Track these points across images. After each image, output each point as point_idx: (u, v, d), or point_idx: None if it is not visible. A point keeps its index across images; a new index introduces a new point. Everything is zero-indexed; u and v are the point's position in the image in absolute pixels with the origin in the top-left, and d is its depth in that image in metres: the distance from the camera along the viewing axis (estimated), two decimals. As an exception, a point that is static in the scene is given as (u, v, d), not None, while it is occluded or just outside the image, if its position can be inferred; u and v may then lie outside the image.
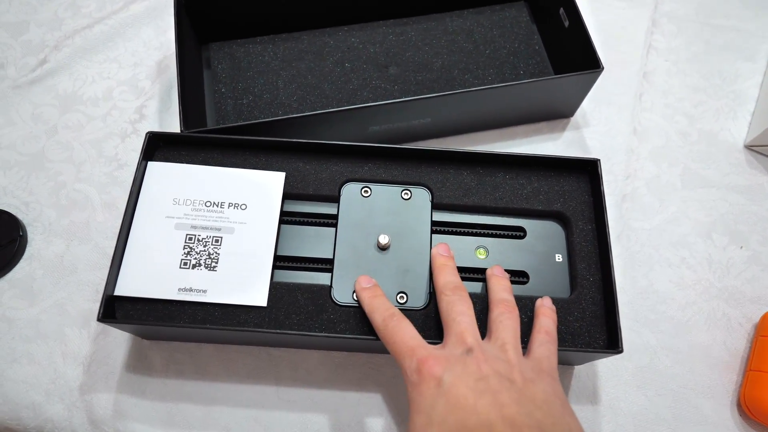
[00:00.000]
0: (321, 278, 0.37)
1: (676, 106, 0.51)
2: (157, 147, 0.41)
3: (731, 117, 0.51)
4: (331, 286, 0.37)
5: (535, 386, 0.29)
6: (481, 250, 0.38)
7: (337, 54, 0.51)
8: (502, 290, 0.34)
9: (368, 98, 0.49)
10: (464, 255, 0.38)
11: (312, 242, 0.38)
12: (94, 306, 0.42)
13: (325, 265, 0.38)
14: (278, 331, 0.35)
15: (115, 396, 0.39)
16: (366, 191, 0.39)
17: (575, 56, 0.46)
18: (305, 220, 0.39)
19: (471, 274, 0.38)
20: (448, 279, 0.34)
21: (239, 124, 0.41)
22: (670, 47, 0.54)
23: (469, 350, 0.30)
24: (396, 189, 0.39)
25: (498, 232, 0.39)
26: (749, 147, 0.49)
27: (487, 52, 0.51)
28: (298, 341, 0.38)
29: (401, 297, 0.36)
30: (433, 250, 0.37)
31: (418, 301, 0.36)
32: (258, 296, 0.36)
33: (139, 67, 0.53)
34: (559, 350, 0.33)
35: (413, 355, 0.30)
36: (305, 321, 0.36)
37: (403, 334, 0.31)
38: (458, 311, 0.32)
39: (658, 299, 0.43)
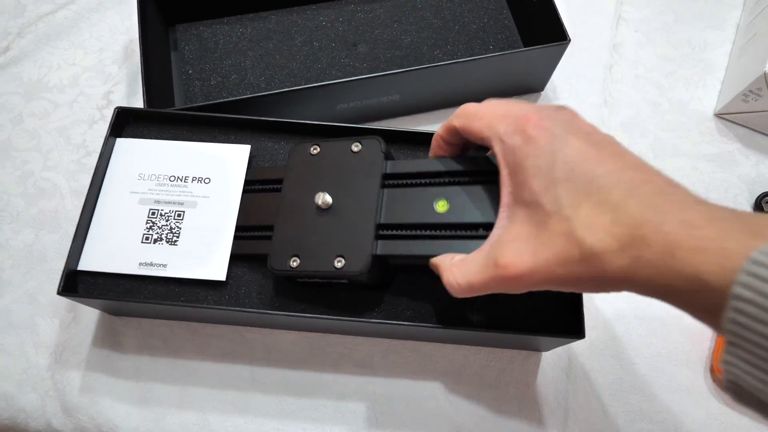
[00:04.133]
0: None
1: (646, 76, 0.51)
2: (126, 123, 0.40)
3: (701, 86, 0.51)
4: (268, 255, 0.33)
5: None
6: (442, 202, 0.31)
7: (305, 33, 0.51)
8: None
9: (337, 76, 0.48)
10: (422, 210, 0.31)
11: (269, 210, 0.35)
12: (66, 294, 0.42)
13: (266, 231, 0.35)
14: (236, 308, 0.35)
15: (88, 382, 0.39)
16: (315, 149, 0.35)
17: (544, 30, 0.46)
18: (266, 187, 0.37)
19: (429, 231, 0.31)
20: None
21: (206, 103, 0.41)
22: (639, 18, 0.54)
23: (560, 107, 0.26)
24: (346, 143, 0.34)
25: (463, 179, 0.31)
26: (719, 115, 0.49)
27: (456, 28, 0.51)
28: (259, 320, 0.38)
29: (339, 261, 0.31)
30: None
31: (356, 264, 0.31)
32: (217, 271, 0.35)
33: (105, 53, 0.52)
34: (519, 335, 0.33)
35: (507, 116, 0.26)
36: (267, 299, 0.35)
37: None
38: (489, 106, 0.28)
39: (631, 268, 0.43)
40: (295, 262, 0.32)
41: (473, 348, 0.40)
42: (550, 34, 0.45)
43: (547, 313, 0.35)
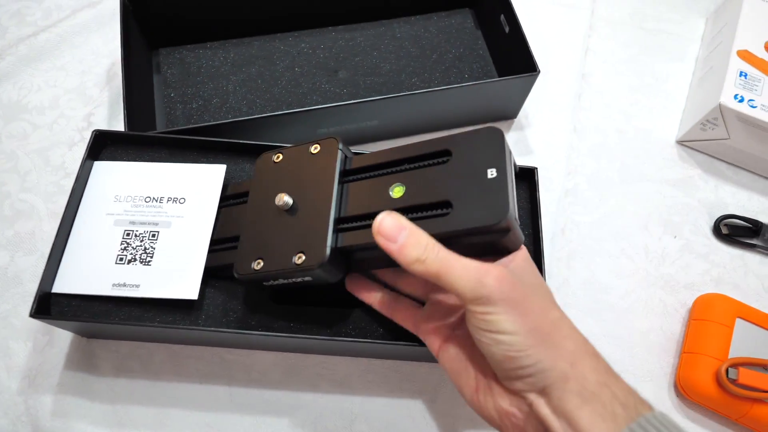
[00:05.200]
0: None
1: (613, 105, 0.54)
2: (105, 146, 0.41)
3: (664, 115, 0.54)
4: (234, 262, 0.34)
5: None
6: (398, 188, 0.31)
7: (287, 59, 0.52)
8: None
9: (318, 102, 0.50)
10: (378, 198, 0.31)
11: (240, 221, 0.36)
12: (41, 317, 0.41)
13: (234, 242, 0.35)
14: (209, 329, 0.35)
15: (62, 406, 0.38)
16: (278, 157, 0.36)
17: (516, 60, 0.48)
18: (240, 201, 0.38)
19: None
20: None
21: (188, 127, 0.42)
22: (606, 50, 0.57)
23: None
24: (305, 146, 0.35)
25: (418, 163, 0.32)
26: (680, 142, 0.52)
27: (434, 56, 0.53)
28: (235, 341, 0.39)
29: (299, 258, 0.31)
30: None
31: (315, 257, 0.30)
32: (188, 290, 0.35)
33: (87, 75, 0.52)
34: None
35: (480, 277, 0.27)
36: (245, 319, 0.36)
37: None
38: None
39: (600, 288, 0.45)
40: (258, 265, 0.32)
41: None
42: (522, 65, 0.47)
43: None
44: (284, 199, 0.33)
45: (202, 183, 0.39)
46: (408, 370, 0.41)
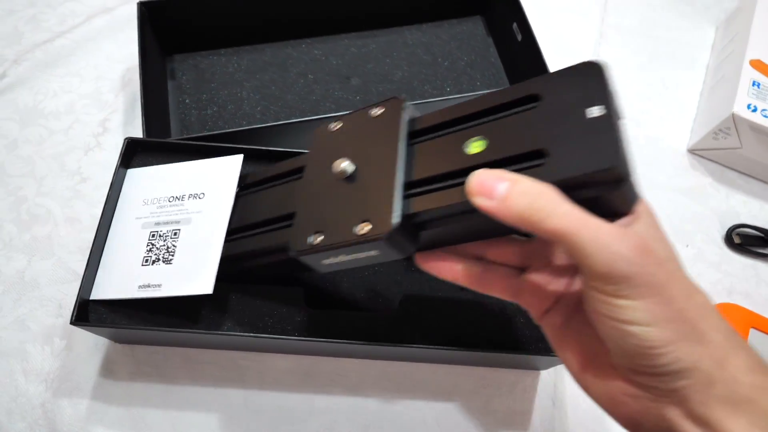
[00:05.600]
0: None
1: (625, 112, 0.54)
2: (135, 153, 0.41)
3: (675, 123, 0.54)
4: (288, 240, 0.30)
5: None
6: (477, 142, 0.26)
7: (300, 66, 0.53)
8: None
9: (331, 109, 0.50)
10: (453, 156, 0.26)
11: (276, 202, 0.33)
12: (57, 321, 0.42)
13: (288, 221, 0.31)
14: (236, 333, 0.36)
15: (79, 411, 0.39)
16: (336, 125, 0.32)
17: (528, 68, 0.49)
18: (281, 181, 0.35)
19: (459, 178, 0.25)
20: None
21: (206, 134, 0.42)
22: (616, 57, 0.57)
23: None
24: (366, 110, 0.31)
25: (500, 113, 0.27)
26: (691, 151, 0.52)
27: (446, 64, 0.53)
28: (253, 344, 0.39)
29: (363, 227, 0.26)
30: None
31: (382, 225, 0.26)
32: (203, 285, 0.35)
33: (102, 81, 0.53)
34: (509, 355, 0.34)
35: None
36: (261, 322, 0.36)
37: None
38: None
39: (612, 296, 0.45)
40: (317, 239, 0.28)
41: (465, 371, 0.41)
42: (534, 72, 0.47)
43: (537, 329, 0.37)
44: (342, 165, 0.28)
45: (220, 175, 0.39)
46: (423, 375, 0.41)
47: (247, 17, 0.51)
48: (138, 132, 0.51)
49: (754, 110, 0.46)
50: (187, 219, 0.38)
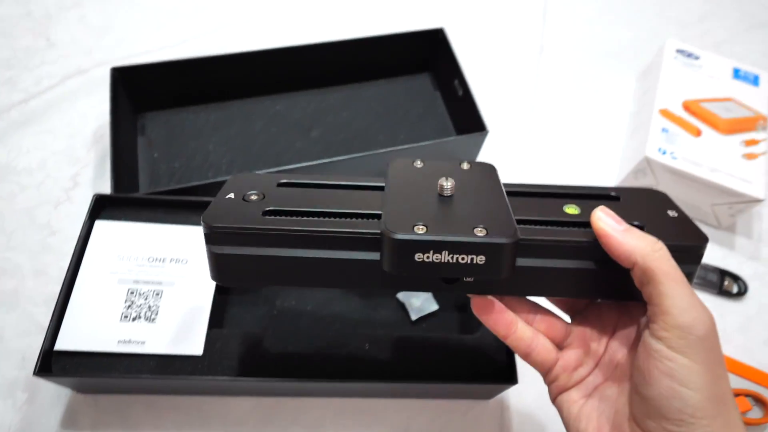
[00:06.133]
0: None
1: (558, 156, 0.59)
2: (103, 207, 0.44)
3: (603, 164, 0.59)
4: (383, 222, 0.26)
5: None
6: (572, 207, 0.29)
7: (264, 119, 0.57)
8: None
9: (293, 159, 0.54)
10: (552, 211, 0.29)
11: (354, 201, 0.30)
12: (21, 374, 0.42)
13: (375, 219, 0.28)
14: (210, 377, 0.37)
15: (43, 459, 0.39)
16: (420, 163, 0.32)
17: (469, 119, 0.54)
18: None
19: (564, 227, 0.28)
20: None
21: (173, 188, 0.45)
22: (552, 103, 0.63)
23: None
24: (454, 161, 0.32)
25: (587, 193, 0.31)
26: (624, 189, 0.57)
27: (399, 115, 0.58)
28: (232, 388, 0.41)
29: (480, 230, 0.26)
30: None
31: (503, 232, 0.25)
32: (194, 346, 0.38)
33: (74, 138, 0.56)
34: (459, 385, 0.36)
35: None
36: (238, 366, 0.38)
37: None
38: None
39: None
40: (421, 229, 0.26)
41: (419, 404, 0.43)
42: (473, 122, 0.52)
43: (482, 360, 0.40)
44: (447, 182, 0.28)
45: (203, 244, 0.41)
46: (381, 409, 0.43)
47: (214, 77, 0.55)
48: (108, 185, 0.53)
49: (664, 153, 0.52)
50: (170, 282, 0.40)
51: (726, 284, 0.52)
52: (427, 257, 0.26)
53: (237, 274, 0.29)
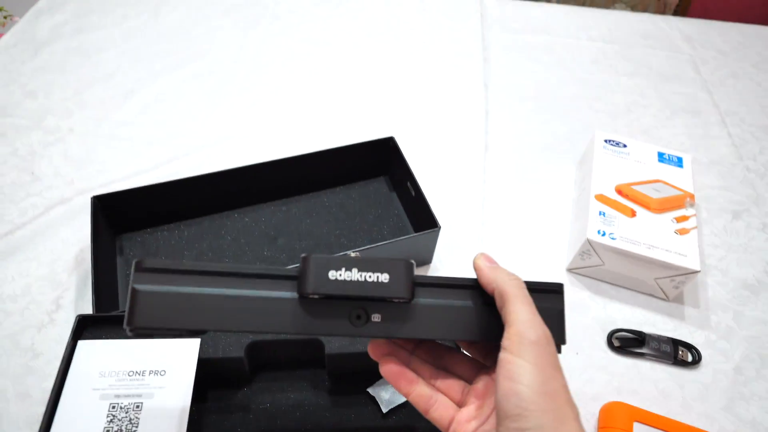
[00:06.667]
0: None
1: (510, 245, 0.64)
2: (86, 327, 0.47)
3: (553, 248, 0.64)
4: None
5: None
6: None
7: (233, 232, 0.62)
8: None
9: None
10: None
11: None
12: (0, 501, 0.44)
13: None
14: None
15: None
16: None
17: (423, 217, 0.59)
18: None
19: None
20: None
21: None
22: (497, 202, 0.69)
23: None
24: None
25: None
26: (569, 270, 0.62)
27: (357, 219, 0.64)
28: None
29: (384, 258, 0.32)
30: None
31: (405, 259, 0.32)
32: None
33: (57, 263, 0.60)
34: None
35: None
36: None
37: None
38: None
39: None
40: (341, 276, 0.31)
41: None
42: (426, 220, 0.58)
43: None
44: (354, 253, 0.35)
45: (179, 355, 0.45)
46: None
47: (186, 197, 0.61)
48: (89, 305, 0.57)
49: (603, 234, 0.57)
50: (150, 393, 0.43)
51: (680, 354, 0.55)
52: (340, 274, 0.31)
53: (158, 314, 0.30)
